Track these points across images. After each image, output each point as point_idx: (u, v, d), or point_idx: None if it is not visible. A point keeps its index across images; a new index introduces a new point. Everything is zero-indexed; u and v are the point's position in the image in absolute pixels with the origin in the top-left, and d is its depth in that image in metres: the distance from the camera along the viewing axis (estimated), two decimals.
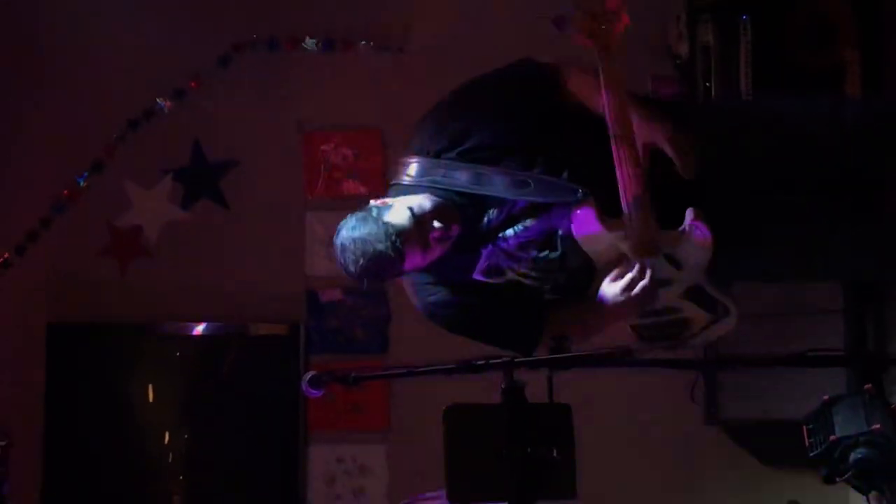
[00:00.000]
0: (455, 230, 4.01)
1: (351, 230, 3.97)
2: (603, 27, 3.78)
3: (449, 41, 6.05)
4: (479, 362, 3.37)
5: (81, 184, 6.36)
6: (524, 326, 4.26)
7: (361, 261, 3.92)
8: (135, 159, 6.47)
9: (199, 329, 6.57)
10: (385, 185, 5.01)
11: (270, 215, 6.31)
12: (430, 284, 4.21)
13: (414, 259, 3.94)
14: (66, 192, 6.30)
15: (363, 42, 6.34)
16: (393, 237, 3.89)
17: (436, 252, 3.96)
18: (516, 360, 3.42)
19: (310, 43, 6.38)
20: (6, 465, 5.48)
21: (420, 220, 3.92)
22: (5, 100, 6.29)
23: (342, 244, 3.95)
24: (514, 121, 4.04)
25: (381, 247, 3.91)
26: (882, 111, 4.60)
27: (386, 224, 3.92)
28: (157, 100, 6.36)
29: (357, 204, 4.08)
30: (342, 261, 3.94)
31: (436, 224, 3.93)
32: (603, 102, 3.86)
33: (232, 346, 6.64)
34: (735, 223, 4.07)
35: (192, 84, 6.35)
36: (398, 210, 3.95)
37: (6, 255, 6.03)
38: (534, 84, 4.04)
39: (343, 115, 6.32)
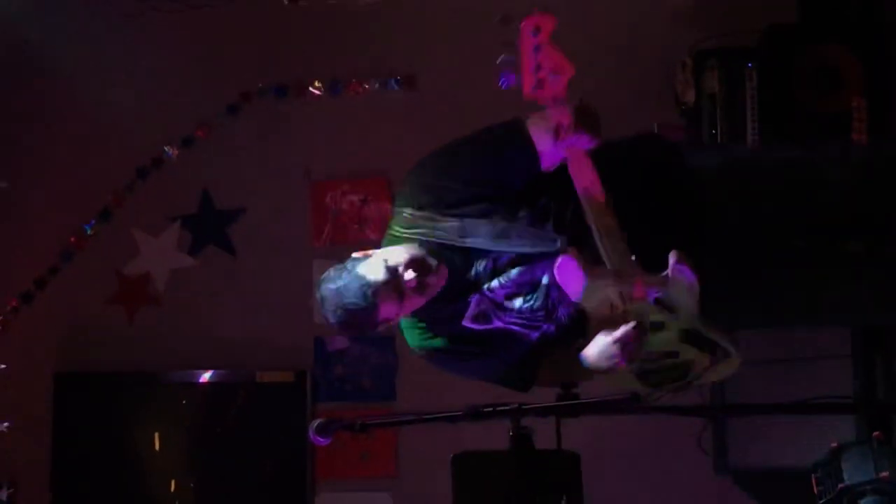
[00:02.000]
0: (440, 280, 4.03)
1: (329, 283, 4.04)
2: (551, 80, 3.82)
3: (455, 85, 6.00)
4: (487, 409, 3.42)
5: (89, 231, 6.41)
6: (517, 370, 4.32)
7: (339, 312, 3.98)
8: (143, 207, 6.50)
9: (206, 377, 6.57)
10: None
11: (278, 262, 6.31)
12: (422, 331, 4.26)
13: (389, 310, 4.00)
14: (73, 239, 6.37)
15: (372, 80, 6.49)
16: (366, 289, 3.94)
17: (414, 302, 4.00)
18: (524, 406, 3.43)
19: (317, 86, 6.48)
20: None
21: (394, 272, 3.95)
22: (14, 147, 6.27)
23: (322, 296, 4.01)
24: (499, 175, 4.10)
25: (354, 299, 3.97)
26: (891, 154, 4.66)
27: (359, 277, 3.96)
28: (165, 148, 6.42)
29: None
30: (322, 312, 4.02)
31: (410, 274, 3.95)
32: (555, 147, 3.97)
33: (239, 394, 6.63)
34: (738, 267, 4.14)
35: (200, 132, 6.40)
36: (373, 263, 3.99)
37: (14, 303, 6.00)
38: (518, 140, 4.08)
39: (349, 162, 6.38)
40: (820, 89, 5.96)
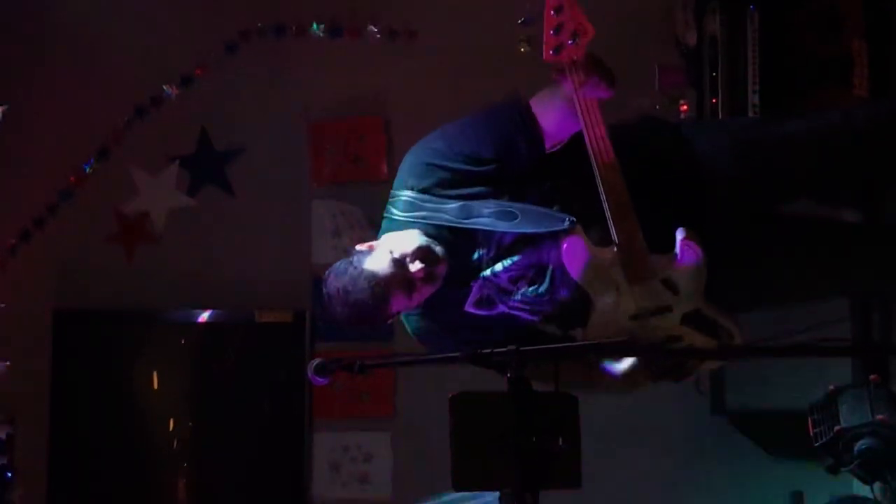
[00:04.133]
0: (442, 269, 4.05)
1: (335, 280, 4.03)
2: (570, 42, 3.82)
3: (455, 31, 6.01)
4: (486, 351, 3.39)
5: (88, 170, 6.43)
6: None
7: (347, 310, 4.00)
8: (141, 146, 6.52)
9: (205, 316, 6.63)
10: (388, 172, 5.05)
11: (276, 202, 6.38)
12: (421, 317, 4.32)
13: (400, 303, 4.01)
14: (72, 178, 6.39)
15: (370, 27, 6.40)
16: (374, 285, 3.95)
17: (424, 292, 4.02)
18: (522, 349, 3.37)
19: (316, 28, 6.45)
20: (11, 452, 5.56)
21: (401, 264, 3.97)
22: (11, 86, 6.25)
23: (328, 294, 4.02)
24: (502, 155, 4.10)
25: (362, 296, 3.97)
26: (887, 121, 4.65)
27: (367, 272, 3.97)
28: (164, 87, 6.43)
29: (361, 191, 4.13)
30: (330, 310, 4.03)
31: (417, 265, 3.97)
32: (577, 120, 3.98)
33: (237, 334, 6.69)
34: (739, 245, 4.16)
35: (199, 71, 6.41)
36: (379, 256, 4.00)
37: (13, 242, 6.07)
38: (523, 119, 4.14)
39: (347, 102, 6.38)
40: (821, 32, 5.93)
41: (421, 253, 3.98)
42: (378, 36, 6.39)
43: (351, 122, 6.41)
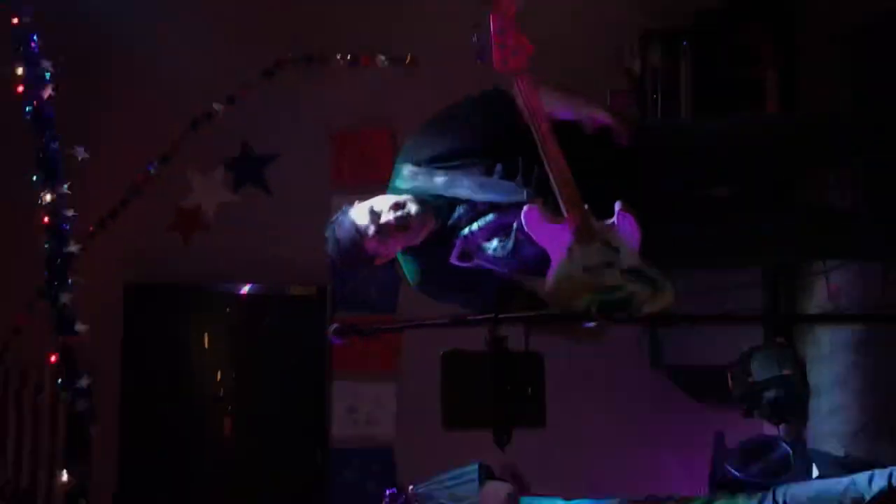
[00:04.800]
0: (428, 225, 4.00)
1: (331, 225, 4.02)
2: (514, 56, 3.71)
3: (449, 59, 6.01)
4: (468, 318, 3.55)
5: (152, 171, 6.42)
6: (492, 303, 4.20)
7: (335, 250, 4.00)
8: (195, 152, 6.54)
9: (246, 289, 6.64)
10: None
11: (304, 198, 6.33)
12: (418, 271, 4.24)
13: (373, 246, 3.98)
14: (139, 178, 6.39)
15: (380, 57, 6.40)
16: (352, 229, 3.94)
17: (399, 239, 3.99)
18: (499, 316, 3.40)
19: (338, 58, 6.45)
20: (91, 397, 5.51)
21: (376, 215, 3.93)
22: (91, 104, 6.24)
23: (326, 238, 4.01)
24: (479, 136, 4.01)
25: (344, 238, 3.97)
26: (801, 122, 4.55)
27: (348, 219, 3.96)
28: (214, 104, 6.42)
29: (372, 189, 4.12)
30: (328, 251, 4.03)
31: (389, 216, 3.92)
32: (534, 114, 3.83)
33: (272, 303, 6.74)
34: (670, 215, 4.04)
35: (242, 92, 6.41)
36: (361, 208, 3.97)
37: (91, 229, 6.02)
38: (495, 106, 3.99)
39: (362, 118, 6.42)
40: (741, 63, 5.93)
41: (394, 206, 3.93)
42: (386, 64, 6.41)
43: (364, 134, 6.43)
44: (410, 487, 4.92)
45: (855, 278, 5.07)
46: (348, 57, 6.40)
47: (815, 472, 5.16)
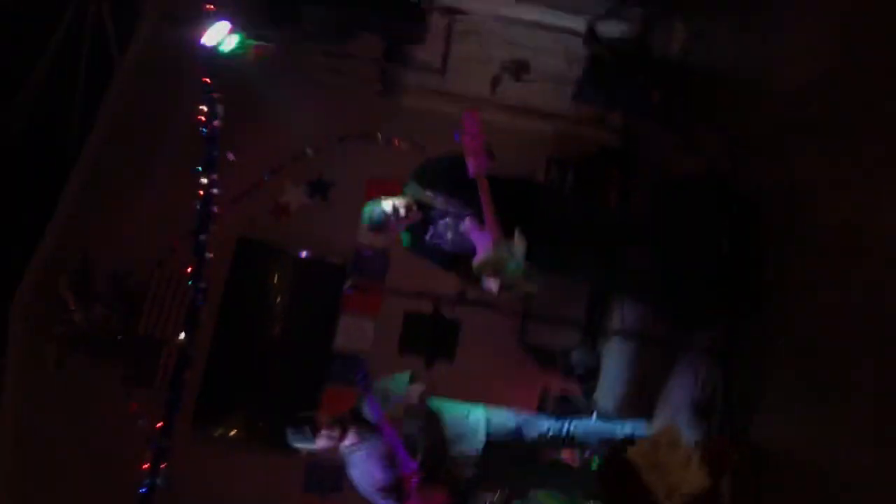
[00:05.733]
0: (418, 216, 4.22)
1: (368, 208, 4.28)
2: (478, 161, 3.91)
3: (446, 143, 5.54)
4: (420, 293, 4.23)
5: (266, 179, 6.58)
6: (450, 266, 4.44)
7: (370, 220, 4.25)
8: (290, 173, 6.64)
9: (303, 254, 6.63)
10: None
11: (345, 208, 6.28)
12: (411, 238, 4.37)
13: (387, 226, 4.19)
14: (260, 182, 6.51)
15: (396, 141, 6.43)
16: (382, 213, 4.21)
17: (402, 222, 4.19)
18: (440, 296, 4.20)
19: (378, 139, 6.56)
20: (206, 295, 5.55)
21: (395, 209, 4.20)
22: (237, 126, 5.66)
23: (363, 213, 4.30)
24: (454, 181, 4.18)
25: (376, 216, 4.21)
26: (634, 213, 5.23)
27: (381, 208, 4.22)
28: (307, 148, 6.52)
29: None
30: (363, 223, 4.29)
31: (401, 213, 4.19)
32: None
33: (318, 265, 6.62)
34: (555, 241, 4.24)
35: (324, 144, 6.48)
36: (388, 203, 4.23)
37: (223, 210, 5.75)
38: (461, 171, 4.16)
39: (385, 173, 6.09)
40: (604, 188, 6.16)
41: (407, 206, 4.21)
42: (400, 145, 6.49)
43: (387, 182, 5.90)
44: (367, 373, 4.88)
45: (642, 311, 5.09)
46: (382, 138, 6.48)
47: (594, 418, 5.25)
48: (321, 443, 4.23)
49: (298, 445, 4.29)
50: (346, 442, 4.31)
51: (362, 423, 4.33)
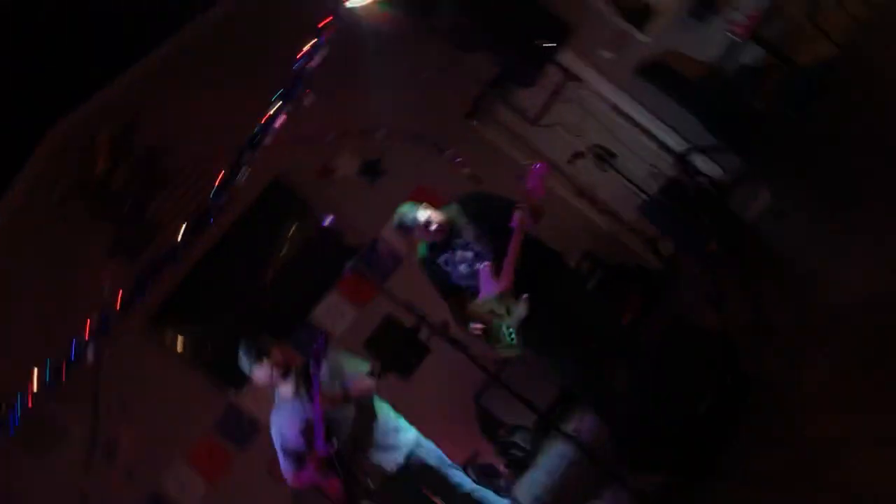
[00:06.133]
0: (442, 236, 4.28)
1: (403, 209, 4.34)
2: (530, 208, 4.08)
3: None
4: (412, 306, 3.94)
5: (329, 139, 6.43)
6: (448, 292, 4.51)
7: (401, 219, 4.29)
8: (352, 145, 6.63)
9: (327, 221, 6.08)
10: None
11: (383, 202, 5.95)
12: (425, 250, 4.41)
13: (412, 232, 4.27)
14: (321, 138, 6.41)
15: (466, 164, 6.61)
16: (409, 217, 4.30)
17: (427, 234, 4.27)
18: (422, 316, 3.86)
19: (447, 153, 6.52)
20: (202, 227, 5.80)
21: (427, 220, 4.27)
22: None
23: (397, 212, 4.36)
24: (494, 222, 4.24)
25: (405, 218, 4.29)
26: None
27: (413, 213, 4.30)
28: (381, 129, 6.43)
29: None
30: (393, 222, 4.34)
31: (432, 226, 4.24)
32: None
33: (331, 236, 6.55)
34: (548, 335, 4.30)
35: (393, 133, 6.60)
36: (424, 212, 4.31)
37: (272, 143, 5.86)
38: (502, 217, 4.24)
39: (435, 184, 6.34)
40: (622, 303, 6.00)
41: (439, 220, 4.27)
42: (462, 168, 6.35)
43: (433, 193, 5.79)
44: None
45: (599, 430, 5.06)
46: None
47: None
48: (258, 373, 4.14)
49: (242, 365, 4.18)
50: (281, 389, 4.27)
51: (305, 383, 4.24)
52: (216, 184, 5.48)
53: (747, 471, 3.33)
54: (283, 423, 4.37)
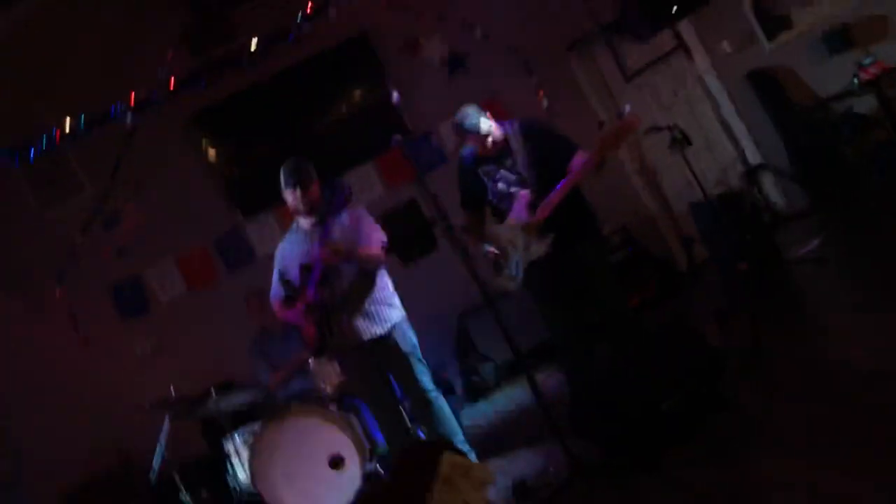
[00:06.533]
0: (492, 151, 4.20)
1: (467, 109, 4.23)
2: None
3: None
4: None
5: (394, 97, 6.43)
6: (471, 200, 4.48)
7: (458, 118, 4.21)
8: (444, 31, 6.46)
9: (395, 98, 6.37)
10: None
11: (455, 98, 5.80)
12: (468, 157, 4.40)
13: (466, 136, 4.20)
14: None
15: (546, 96, 6.36)
16: (470, 120, 4.19)
17: (481, 144, 4.22)
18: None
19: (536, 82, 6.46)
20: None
21: (487, 131, 4.20)
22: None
23: (461, 110, 4.26)
24: (552, 157, 4.20)
25: (467, 120, 4.22)
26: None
27: (478, 119, 4.20)
28: (487, 29, 6.38)
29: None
30: (456, 118, 4.26)
31: (487, 139, 4.19)
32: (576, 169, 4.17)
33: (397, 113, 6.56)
34: (552, 286, 4.31)
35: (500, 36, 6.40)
36: (486, 122, 4.21)
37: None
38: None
39: (508, 102, 6.22)
40: (637, 286, 5.88)
41: (497, 135, 4.20)
42: (542, 99, 6.23)
43: (503, 109, 5.99)
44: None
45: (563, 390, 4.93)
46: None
47: (451, 416, 4.80)
48: (289, 196, 4.10)
49: (283, 180, 4.12)
50: (301, 220, 4.30)
51: (321, 226, 4.27)
52: (307, 11, 5.42)
53: (681, 481, 3.33)
54: (290, 249, 4.43)
